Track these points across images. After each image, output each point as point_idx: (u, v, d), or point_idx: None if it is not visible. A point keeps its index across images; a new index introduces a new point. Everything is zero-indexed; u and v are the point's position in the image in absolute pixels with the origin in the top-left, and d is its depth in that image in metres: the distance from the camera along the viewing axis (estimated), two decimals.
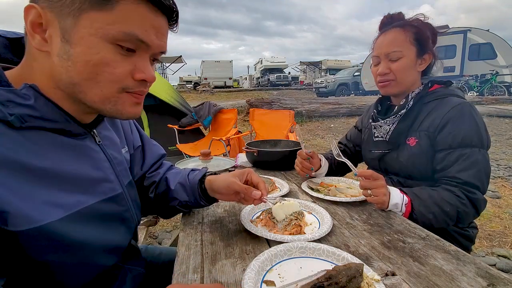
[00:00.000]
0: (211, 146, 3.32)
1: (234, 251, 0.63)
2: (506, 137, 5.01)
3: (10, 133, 0.44)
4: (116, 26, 0.45)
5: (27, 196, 0.44)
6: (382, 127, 1.07)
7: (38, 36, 0.45)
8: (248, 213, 0.79)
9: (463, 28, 11.75)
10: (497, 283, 0.51)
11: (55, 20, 0.45)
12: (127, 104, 0.52)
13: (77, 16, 0.44)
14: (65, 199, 0.49)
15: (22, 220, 0.43)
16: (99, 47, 0.45)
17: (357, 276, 0.48)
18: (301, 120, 7.31)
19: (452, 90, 0.99)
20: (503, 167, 3.53)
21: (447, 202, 0.83)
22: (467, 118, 0.90)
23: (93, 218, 0.53)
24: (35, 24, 0.45)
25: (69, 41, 0.45)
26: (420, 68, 1.00)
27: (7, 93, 0.44)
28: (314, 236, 0.66)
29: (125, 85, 0.50)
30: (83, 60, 0.45)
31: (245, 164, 1.39)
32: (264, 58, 32.94)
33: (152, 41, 0.49)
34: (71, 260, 0.50)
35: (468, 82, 10.87)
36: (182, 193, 0.77)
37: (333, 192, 0.94)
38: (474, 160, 0.86)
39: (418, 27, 0.96)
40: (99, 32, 0.45)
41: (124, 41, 0.46)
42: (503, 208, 2.46)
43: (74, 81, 0.47)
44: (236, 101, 10.73)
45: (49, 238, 0.45)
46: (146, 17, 0.47)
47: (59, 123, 0.50)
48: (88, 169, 0.54)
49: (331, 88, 14.38)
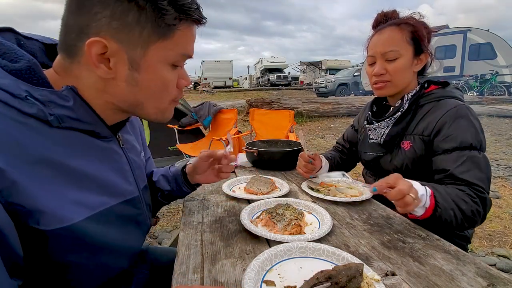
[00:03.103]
0: (211, 146, 3.32)
1: (234, 251, 0.63)
2: (506, 137, 5.01)
3: (47, 132, 0.46)
4: (175, 50, 0.51)
5: (58, 195, 0.45)
6: (376, 130, 1.05)
7: (103, 66, 0.48)
8: (248, 213, 0.79)
9: (463, 28, 11.74)
10: (497, 283, 0.51)
11: (122, 51, 0.47)
12: (170, 109, 0.58)
13: (146, 47, 0.48)
14: (91, 199, 0.50)
15: (53, 219, 0.44)
16: (163, 71, 0.51)
17: (357, 276, 0.48)
18: (301, 120, 7.31)
19: (449, 92, 0.95)
20: (503, 167, 3.53)
21: (462, 200, 0.77)
22: (464, 121, 0.86)
23: (113, 219, 0.55)
24: (99, 55, 0.47)
25: (138, 69, 0.49)
26: (417, 68, 0.97)
27: (50, 94, 0.46)
28: (314, 236, 0.66)
29: (174, 97, 0.56)
30: (151, 85, 0.51)
31: (245, 164, 1.39)
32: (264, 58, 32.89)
33: (192, 52, 0.55)
34: (90, 261, 0.51)
35: (468, 82, 10.87)
36: (164, 183, 0.83)
37: (333, 192, 0.94)
38: (476, 161, 0.82)
39: (414, 26, 0.92)
40: (164, 58, 0.50)
41: (180, 61, 0.53)
42: (503, 208, 2.46)
43: (139, 102, 0.52)
44: (236, 101, 10.73)
45: (74, 237, 0.47)
46: (193, 35, 0.53)
47: (91, 125, 0.52)
48: (111, 171, 0.56)
49: (331, 88, 14.37)
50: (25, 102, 0.44)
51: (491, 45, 11.43)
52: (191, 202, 0.94)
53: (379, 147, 1.05)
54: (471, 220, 0.77)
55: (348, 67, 20.49)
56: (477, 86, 10.68)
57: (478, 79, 10.79)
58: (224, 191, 0.99)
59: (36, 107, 0.44)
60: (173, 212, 2.55)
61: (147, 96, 0.52)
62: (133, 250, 0.63)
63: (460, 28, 11.84)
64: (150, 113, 0.55)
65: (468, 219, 0.77)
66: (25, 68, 0.45)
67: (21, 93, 0.43)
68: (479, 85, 10.66)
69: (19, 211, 0.41)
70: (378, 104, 1.13)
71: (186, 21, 0.50)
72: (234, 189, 1.05)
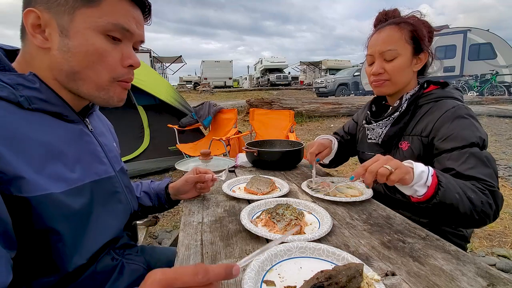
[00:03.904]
0: (211, 146, 3.32)
1: (234, 251, 0.63)
2: (506, 137, 5.01)
3: (20, 112, 0.50)
4: (104, 18, 0.53)
5: (36, 166, 0.49)
6: (374, 130, 1.05)
7: (39, 35, 0.52)
8: (248, 213, 0.79)
9: (463, 28, 11.74)
10: (497, 283, 0.51)
11: (52, 19, 0.52)
12: (118, 91, 0.60)
13: (72, 13, 0.52)
14: (67, 174, 0.54)
15: (34, 186, 0.47)
16: (93, 38, 0.53)
17: (357, 276, 0.48)
18: (301, 120, 7.31)
19: (448, 92, 0.94)
20: (503, 167, 3.53)
21: (470, 189, 0.73)
22: (464, 121, 0.85)
23: (92, 194, 0.59)
24: (35, 26, 0.52)
25: (67, 36, 0.52)
26: (416, 68, 0.96)
27: (17, 77, 0.51)
28: (314, 236, 0.66)
29: (116, 74, 0.58)
30: (81, 51, 0.53)
31: (245, 164, 1.39)
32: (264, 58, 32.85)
33: (134, 30, 0.58)
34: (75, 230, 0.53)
35: (468, 82, 10.87)
36: (146, 199, 0.91)
37: (333, 192, 0.94)
38: (479, 157, 0.79)
39: (414, 25, 0.91)
40: (92, 25, 0.53)
41: (112, 31, 0.55)
42: (503, 208, 2.46)
43: (74, 69, 0.54)
44: (236, 101, 10.73)
45: (55, 206, 0.50)
46: (128, 10, 0.56)
47: (58, 107, 0.56)
48: (84, 150, 0.61)
49: (331, 88, 14.37)
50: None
51: (491, 45, 11.43)
52: (191, 202, 0.94)
53: (377, 147, 1.05)
54: (483, 213, 0.73)
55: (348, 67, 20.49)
56: (477, 86, 10.68)
57: (478, 79, 10.79)
58: (224, 191, 0.99)
59: (7, 90, 0.49)
60: (173, 212, 2.55)
61: (81, 65, 0.54)
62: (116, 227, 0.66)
63: (460, 28, 11.84)
64: (90, 87, 0.56)
65: (479, 211, 0.72)
66: None
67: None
68: (479, 85, 10.67)
69: (0, 179, 0.43)
70: (377, 104, 1.12)
71: None
72: (234, 189, 1.05)
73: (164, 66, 20.57)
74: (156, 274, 0.33)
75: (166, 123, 3.70)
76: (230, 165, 1.29)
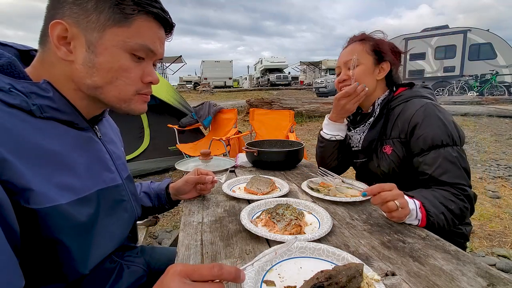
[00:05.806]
0: (211, 146, 3.32)
1: (234, 251, 0.63)
2: (506, 137, 5.01)
3: (31, 120, 0.50)
4: (133, 39, 0.54)
5: (45, 177, 0.48)
6: (353, 137, 1.11)
7: (64, 48, 0.52)
8: (248, 213, 0.79)
9: (463, 28, 11.75)
10: (497, 283, 0.51)
11: (81, 34, 0.52)
12: (139, 103, 0.61)
13: (102, 31, 0.52)
14: (74, 184, 0.53)
15: (42, 198, 0.46)
16: (119, 55, 0.54)
17: (357, 276, 0.48)
18: (301, 120, 7.31)
19: (415, 92, 1.00)
20: (503, 167, 3.53)
21: (449, 200, 0.82)
22: (432, 119, 0.90)
23: (99, 203, 0.58)
24: (61, 37, 0.52)
25: (94, 52, 0.53)
26: (379, 76, 1.03)
27: (31, 85, 0.50)
28: (314, 236, 0.66)
29: (138, 88, 0.59)
30: (106, 68, 0.54)
31: (245, 164, 1.39)
32: (264, 58, 32.83)
33: (157, 50, 0.59)
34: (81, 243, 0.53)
35: (468, 82, 10.88)
36: (146, 200, 0.92)
37: (333, 192, 0.94)
38: (451, 160, 0.86)
39: (376, 39, 1.03)
40: (120, 44, 0.54)
41: (138, 51, 0.56)
42: (503, 208, 2.46)
43: (97, 85, 0.55)
44: (236, 101, 10.72)
45: (62, 217, 0.49)
46: (155, 31, 0.57)
47: (70, 115, 0.56)
48: (92, 159, 0.60)
49: (331, 88, 14.35)
50: (9, 94, 0.47)
51: (491, 45, 11.44)
52: (191, 202, 0.94)
53: (360, 153, 1.10)
54: (460, 217, 0.83)
55: None
56: (477, 86, 10.69)
57: (478, 79, 10.80)
58: (224, 191, 0.99)
59: (20, 98, 0.48)
60: (173, 212, 2.55)
61: (105, 80, 0.55)
62: (121, 236, 0.66)
63: (460, 28, 11.85)
64: (111, 100, 0.57)
65: (458, 217, 0.82)
66: (6, 64, 0.49)
67: (5, 86, 0.47)
68: (479, 85, 10.67)
69: (10, 190, 0.43)
70: (354, 114, 1.17)
71: (143, 14, 0.54)
72: (234, 189, 1.05)
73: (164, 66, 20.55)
74: (177, 266, 0.38)
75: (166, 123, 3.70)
76: (230, 166, 1.29)
